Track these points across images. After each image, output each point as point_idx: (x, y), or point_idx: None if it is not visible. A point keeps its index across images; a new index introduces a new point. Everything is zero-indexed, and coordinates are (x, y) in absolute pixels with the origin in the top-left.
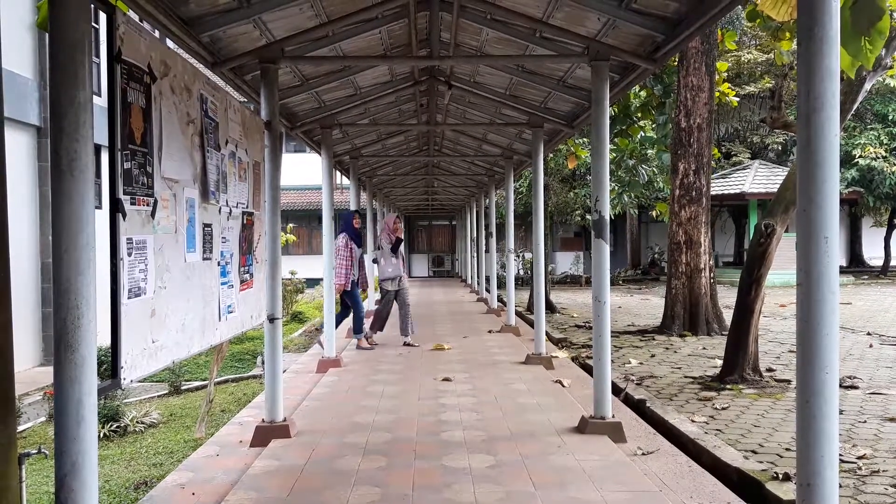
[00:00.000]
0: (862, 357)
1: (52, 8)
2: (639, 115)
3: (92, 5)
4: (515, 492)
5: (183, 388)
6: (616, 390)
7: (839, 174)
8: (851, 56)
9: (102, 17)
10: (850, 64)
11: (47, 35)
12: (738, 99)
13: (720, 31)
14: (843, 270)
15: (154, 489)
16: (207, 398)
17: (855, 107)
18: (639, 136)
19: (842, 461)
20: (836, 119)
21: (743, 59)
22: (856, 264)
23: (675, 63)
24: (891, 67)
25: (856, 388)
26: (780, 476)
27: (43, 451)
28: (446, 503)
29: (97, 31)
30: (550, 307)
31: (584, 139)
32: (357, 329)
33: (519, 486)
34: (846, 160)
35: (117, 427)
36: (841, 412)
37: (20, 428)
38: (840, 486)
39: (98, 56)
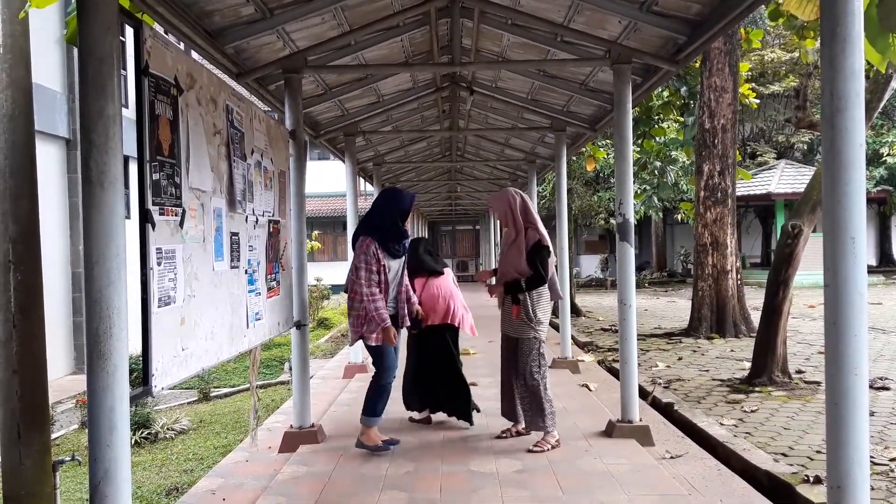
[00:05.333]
0: (893, 358)
1: (81, 23)
2: (660, 113)
3: (119, 20)
4: (543, 496)
5: (212, 394)
6: (643, 394)
7: (867, 173)
8: (880, 54)
9: (129, 30)
10: (879, 59)
11: (76, 49)
12: (758, 101)
13: (743, 30)
14: (872, 270)
15: (185, 495)
16: (253, 411)
17: (882, 105)
18: (664, 138)
19: (873, 463)
20: (860, 119)
21: (767, 58)
22: (886, 263)
23: (699, 64)
24: None
25: (887, 389)
26: (811, 479)
27: (76, 458)
28: None
29: (124, 44)
30: (576, 311)
31: (608, 140)
32: (370, 409)
33: (547, 490)
34: (874, 158)
35: (148, 434)
36: (872, 414)
37: (53, 435)
38: (872, 489)
39: (125, 69)
